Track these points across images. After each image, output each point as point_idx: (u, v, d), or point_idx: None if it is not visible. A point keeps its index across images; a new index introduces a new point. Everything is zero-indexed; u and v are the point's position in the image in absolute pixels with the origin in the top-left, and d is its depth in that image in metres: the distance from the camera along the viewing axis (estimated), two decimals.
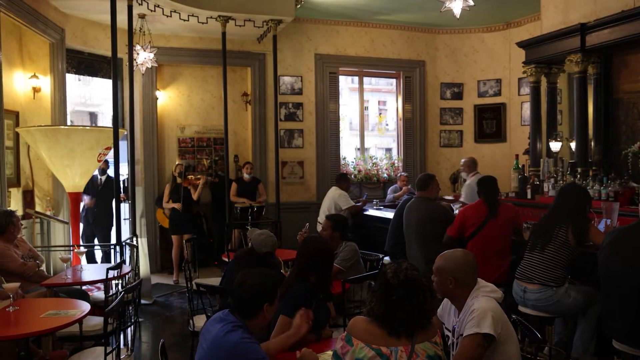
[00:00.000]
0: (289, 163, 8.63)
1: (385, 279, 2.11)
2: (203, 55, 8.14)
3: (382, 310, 2.05)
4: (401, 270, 2.11)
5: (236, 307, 2.41)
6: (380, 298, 2.07)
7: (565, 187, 4.11)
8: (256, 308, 2.41)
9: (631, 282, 3.03)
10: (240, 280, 2.44)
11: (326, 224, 4.53)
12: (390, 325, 2.03)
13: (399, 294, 2.05)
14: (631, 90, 6.45)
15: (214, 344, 2.31)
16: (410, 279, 2.08)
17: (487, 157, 9.02)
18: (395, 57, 9.21)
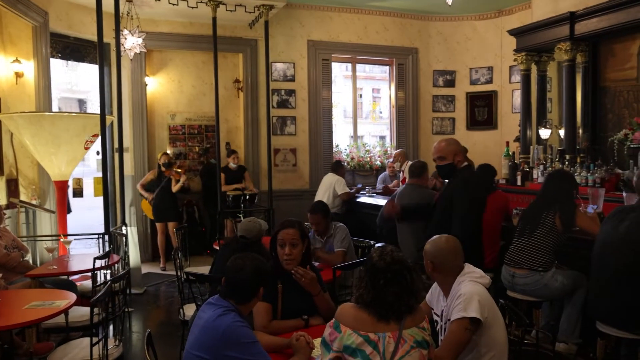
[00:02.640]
0: (281, 150, 8.61)
1: (371, 263, 2.12)
2: (193, 40, 8.07)
3: (371, 296, 2.06)
4: (387, 252, 2.13)
5: (232, 292, 2.41)
6: (368, 283, 2.08)
7: (552, 173, 4.15)
8: (253, 292, 2.44)
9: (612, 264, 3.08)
10: (237, 265, 2.44)
11: (315, 218, 4.52)
12: (379, 310, 2.05)
13: (387, 277, 2.06)
14: (617, 79, 6.50)
15: (206, 329, 2.31)
16: (396, 260, 2.10)
17: (478, 144, 9.05)
18: (388, 44, 9.18)
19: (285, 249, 2.92)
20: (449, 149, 3.78)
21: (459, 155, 3.78)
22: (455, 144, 3.82)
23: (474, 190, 3.72)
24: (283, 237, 2.94)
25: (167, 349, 4.58)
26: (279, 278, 2.91)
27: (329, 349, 2.05)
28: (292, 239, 2.93)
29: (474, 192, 3.72)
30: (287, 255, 2.91)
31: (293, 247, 2.93)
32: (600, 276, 3.21)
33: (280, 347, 2.56)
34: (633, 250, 2.96)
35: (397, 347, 2.00)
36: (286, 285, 2.91)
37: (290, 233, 2.95)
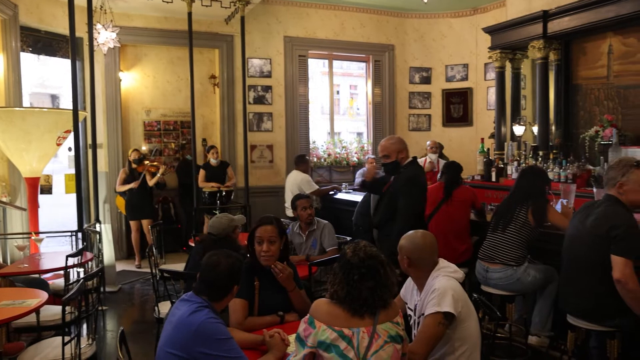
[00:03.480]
0: (258, 147, 8.58)
1: (345, 259, 2.12)
2: (169, 35, 7.97)
3: (345, 291, 2.06)
4: (360, 248, 2.13)
5: (206, 288, 2.40)
6: (342, 279, 2.08)
7: (525, 170, 4.21)
8: (228, 289, 2.43)
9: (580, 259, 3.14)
10: (213, 262, 2.42)
11: (307, 202, 4.64)
12: (354, 306, 2.05)
13: (361, 272, 2.07)
14: (589, 77, 6.64)
15: (179, 325, 2.29)
16: (370, 255, 2.11)
17: (454, 140, 9.15)
18: (364, 41, 9.21)
19: (263, 246, 2.91)
20: (393, 147, 3.99)
21: (402, 153, 3.99)
22: (398, 143, 4.02)
23: (417, 185, 3.93)
24: (261, 234, 2.93)
25: (142, 346, 4.54)
26: (255, 274, 2.90)
27: (303, 345, 2.05)
28: (270, 236, 2.93)
29: (417, 187, 3.93)
30: (265, 252, 2.90)
31: (271, 244, 2.92)
32: (569, 271, 3.27)
33: (255, 344, 2.55)
34: (598, 245, 3.02)
35: (371, 341, 2.01)
36: (263, 281, 2.90)
37: (268, 230, 2.94)
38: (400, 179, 3.96)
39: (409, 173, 3.97)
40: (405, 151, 4.03)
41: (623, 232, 2.94)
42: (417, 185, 3.96)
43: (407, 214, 3.83)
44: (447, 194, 4.63)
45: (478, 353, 2.56)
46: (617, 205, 3.07)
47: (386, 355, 2.03)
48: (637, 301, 2.89)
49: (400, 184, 3.93)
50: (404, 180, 3.93)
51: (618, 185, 3.08)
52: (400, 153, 3.99)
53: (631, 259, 2.91)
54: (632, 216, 3.07)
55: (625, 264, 2.90)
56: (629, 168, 3.07)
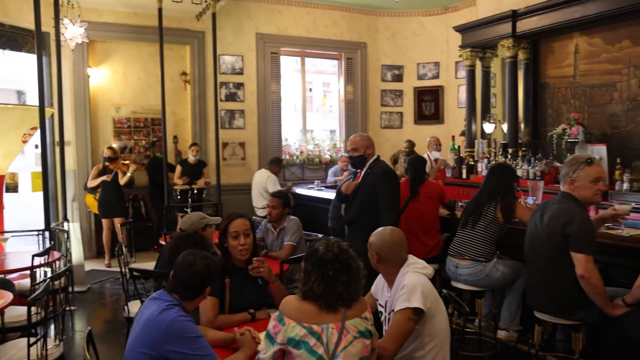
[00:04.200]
0: (230, 144, 8.52)
1: (318, 256, 2.12)
2: (138, 31, 7.85)
3: (322, 288, 2.07)
4: (332, 244, 2.15)
5: (179, 287, 2.37)
6: (318, 276, 2.09)
7: (494, 167, 4.27)
8: (201, 290, 2.41)
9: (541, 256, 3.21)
10: (188, 261, 2.40)
11: (277, 202, 4.60)
12: (329, 301, 2.06)
13: (336, 267, 2.09)
14: (556, 76, 6.78)
15: (148, 323, 2.26)
16: (343, 251, 2.13)
17: (426, 138, 9.19)
18: (337, 39, 9.22)
19: (240, 240, 2.94)
20: (362, 143, 4.16)
21: (370, 149, 4.16)
22: (367, 139, 4.20)
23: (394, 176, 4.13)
24: (236, 229, 2.96)
25: (112, 346, 4.47)
26: (226, 273, 2.89)
27: (273, 342, 2.05)
28: (245, 230, 2.98)
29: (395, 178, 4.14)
30: (242, 245, 2.94)
31: (247, 237, 2.96)
32: (532, 267, 3.34)
33: (225, 342, 2.54)
34: (556, 242, 3.08)
35: (340, 337, 2.03)
36: (234, 279, 2.89)
37: (242, 223, 2.98)
38: (376, 173, 4.08)
39: (384, 166, 4.15)
40: (372, 148, 4.19)
41: (576, 228, 3.00)
42: (395, 176, 4.15)
43: (392, 201, 3.99)
44: (414, 191, 4.64)
45: (447, 348, 2.59)
46: (571, 201, 3.13)
47: (355, 351, 2.04)
48: (600, 295, 2.96)
49: (378, 176, 4.05)
50: (380, 173, 4.06)
51: (569, 181, 3.14)
52: (367, 149, 4.16)
53: (591, 254, 2.98)
54: (585, 212, 3.13)
55: (586, 260, 2.96)
56: (579, 165, 3.13)
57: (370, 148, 4.19)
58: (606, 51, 6.19)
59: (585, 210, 3.15)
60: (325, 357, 2.01)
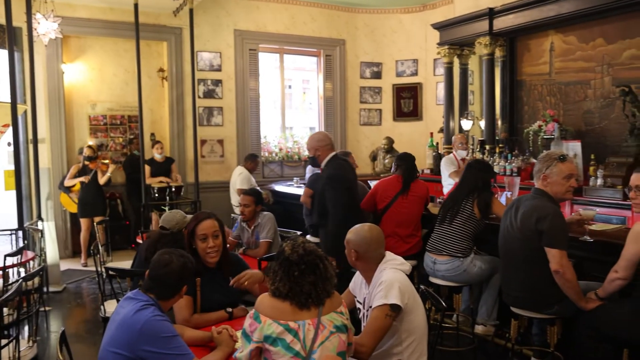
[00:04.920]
0: (208, 141, 8.45)
1: (284, 256, 2.12)
2: (114, 27, 7.72)
3: (287, 288, 2.07)
4: (298, 244, 2.15)
5: (155, 287, 2.34)
6: (283, 276, 2.09)
7: (470, 163, 4.31)
8: (177, 289, 2.39)
9: (515, 252, 3.25)
10: (164, 260, 2.37)
11: (248, 200, 4.56)
12: (297, 300, 2.06)
13: (301, 268, 2.08)
14: (532, 73, 6.87)
15: (123, 323, 2.23)
16: (308, 251, 2.13)
17: (404, 135, 9.27)
18: (315, 35, 9.20)
19: (209, 242, 2.86)
20: (311, 144, 4.38)
21: (319, 150, 4.30)
22: (315, 141, 4.36)
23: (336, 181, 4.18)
24: (204, 231, 2.88)
25: (89, 347, 4.42)
26: (197, 272, 2.86)
27: (249, 340, 2.04)
28: (214, 231, 2.89)
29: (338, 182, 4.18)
30: (211, 248, 2.87)
31: (216, 239, 2.88)
32: (507, 265, 3.38)
33: (203, 341, 2.52)
34: (530, 237, 3.12)
35: (316, 333, 2.03)
36: (204, 279, 2.86)
37: (210, 225, 2.90)
38: (323, 178, 4.28)
39: (328, 171, 4.24)
40: (322, 149, 4.30)
41: (550, 224, 3.03)
42: (337, 180, 4.18)
43: (334, 207, 4.10)
44: (406, 186, 4.59)
45: (425, 343, 2.61)
46: (544, 197, 3.18)
47: (332, 346, 2.05)
48: (573, 289, 3.01)
49: (323, 183, 4.26)
50: (324, 179, 4.25)
51: (543, 177, 3.19)
52: (317, 150, 4.31)
53: (565, 249, 3.03)
54: (558, 208, 3.17)
55: (560, 255, 3.00)
56: (552, 161, 3.17)
57: (319, 149, 4.29)
58: (580, 49, 6.29)
59: (558, 206, 3.20)
60: (302, 353, 2.00)
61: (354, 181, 4.47)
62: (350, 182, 4.31)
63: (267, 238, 4.47)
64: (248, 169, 7.49)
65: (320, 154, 4.31)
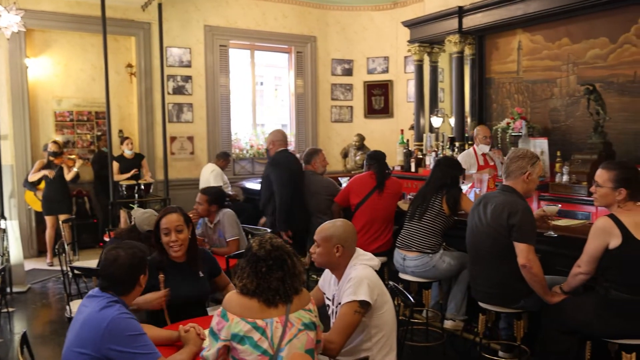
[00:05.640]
0: (178, 138, 8.34)
1: (252, 252, 2.10)
2: (80, 21, 7.54)
3: (255, 284, 2.05)
4: (266, 240, 2.13)
5: (110, 284, 2.30)
6: (250, 272, 2.07)
7: (439, 160, 4.36)
8: (133, 282, 2.35)
9: (484, 248, 3.30)
10: (111, 256, 2.33)
11: (202, 198, 4.48)
12: (265, 297, 2.04)
13: (269, 264, 2.07)
14: (501, 71, 6.97)
15: (88, 322, 2.19)
16: (276, 247, 2.11)
17: (376, 132, 9.32)
18: (286, 32, 9.16)
19: (171, 236, 2.86)
20: (269, 139, 5.20)
21: (272, 144, 5.07)
22: (271, 135, 5.18)
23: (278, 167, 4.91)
24: (167, 225, 2.88)
25: (54, 348, 4.31)
26: (160, 267, 2.83)
27: (216, 338, 2.02)
28: (177, 225, 2.89)
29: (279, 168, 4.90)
30: (174, 242, 2.86)
31: (179, 233, 2.88)
32: (475, 259, 3.42)
33: (170, 340, 2.49)
34: (499, 233, 3.18)
35: (284, 331, 2.02)
36: (169, 273, 2.84)
37: (173, 219, 2.90)
38: (267, 166, 5.09)
39: (274, 159, 4.99)
40: (274, 143, 5.05)
41: (520, 219, 3.11)
42: (280, 164, 4.92)
43: (280, 185, 4.82)
44: (381, 183, 4.61)
45: (394, 339, 2.62)
46: (514, 194, 3.26)
47: (300, 344, 2.04)
48: (540, 284, 3.07)
49: (267, 170, 5.05)
50: (268, 166, 5.02)
51: (527, 174, 3.25)
52: (271, 144, 5.08)
53: (533, 245, 3.10)
54: (528, 204, 3.26)
55: (528, 249, 3.08)
56: (535, 159, 3.28)
57: (272, 143, 5.06)
58: (547, 48, 6.40)
59: (527, 202, 3.27)
60: (270, 351, 1.99)
61: (296, 170, 5.02)
62: (292, 169, 4.95)
63: (234, 236, 4.40)
64: (220, 167, 7.43)
65: (272, 147, 5.06)
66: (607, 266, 2.81)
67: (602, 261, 2.82)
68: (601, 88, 5.57)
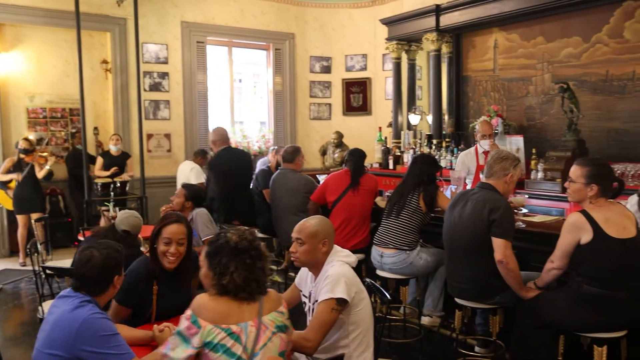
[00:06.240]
0: (155, 135, 8.24)
1: (232, 246, 2.06)
2: (54, 16, 7.37)
3: (242, 277, 2.01)
4: (243, 232, 2.11)
5: (83, 285, 2.26)
6: (237, 266, 2.02)
7: (416, 157, 4.38)
8: (107, 283, 2.31)
9: (462, 244, 3.33)
10: (85, 256, 2.28)
11: (180, 192, 4.45)
12: (249, 290, 2.02)
13: (252, 254, 2.06)
14: (477, 69, 7.04)
15: (60, 322, 2.14)
16: (254, 237, 2.13)
17: (354, 129, 9.32)
18: (265, 29, 9.10)
19: (171, 247, 2.76)
20: (210, 139, 5.79)
21: (214, 144, 5.55)
22: (210, 135, 5.80)
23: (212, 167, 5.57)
24: (170, 236, 2.77)
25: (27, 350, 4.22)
26: (154, 278, 2.77)
27: (187, 343, 1.95)
28: (180, 238, 2.79)
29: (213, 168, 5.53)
30: (172, 254, 2.76)
31: (179, 246, 2.79)
32: (452, 255, 3.45)
33: (144, 340, 2.46)
34: (479, 229, 3.21)
35: (258, 334, 1.99)
36: (162, 284, 2.78)
37: (178, 231, 2.80)
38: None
39: (210, 161, 5.74)
40: (214, 142, 5.53)
41: (501, 215, 3.16)
42: (215, 165, 5.50)
43: (216, 185, 5.32)
44: (355, 181, 4.61)
45: (371, 336, 2.63)
46: (494, 192, 3.31)
47: (274, 347, 2.02)
48: (515, 279, 3.11)
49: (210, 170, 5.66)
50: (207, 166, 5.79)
51: (510, 175, 3.32)
52: (213, 144, 5.58)
53: (510, 241, 3.14)
54: (507, 201, 3.32)
55: (505, 245, 3.12)
56: (517, 162, 3.39)
57: (213, 143, 5.54)
58: (522, 47, 6.48)
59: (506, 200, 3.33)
60: (244, 356, 1.95)
61: (235, 167, 5.41)
62: (230, 167, 5.36)
63: (209, 235, 4.34)
64: (198, 164, 7.34)
65: (213, 147, 5.53)
66: (578, 261, 2.86)
67: (574, 256, 2.87)
68: (575, 86, 5.66)
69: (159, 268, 2.79)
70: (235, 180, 5.36)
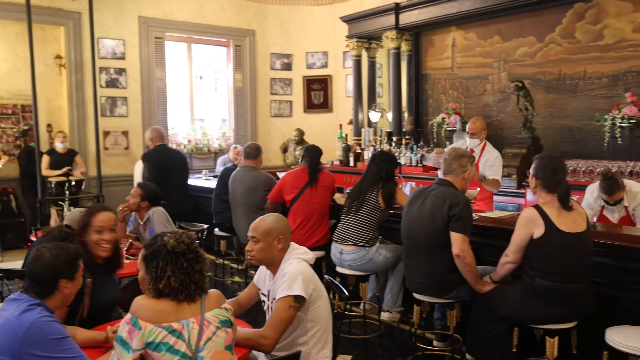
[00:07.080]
0: (112, 133, 8.05)
1: (169, 250, 2.02)
2: (3, 8, 7.09)
3: (179, 281, 1.99)
4: (181, 235, 2.09)
5: (33, 285, 2.19)
6: (174, 270, 2.00)
7: (375, 154, 4.40)
8: (52, 285, 2.22)
9: (421, 240, 3.37)
10: (35, 255, 2.21)
11: (136, 191, 4.32)
12: (188, 292, 2.00)
13: (189, 258, 2.03)
14: (436, 67, 7.14)
15: (6, 326, 2.06)
16: (192, 240, 2.10)
17: (315, 127, 9.33)
18: (225, 25, 9.01)
19: (104, 235, 2.79)
20: (146, 137, 5.90)
21: (151, 141, 5.79)
22: (147, 133, 5.93)
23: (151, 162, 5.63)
24: (102, 223, 2.81)
25: None
26: (89, 271, 2.70)
27: (128, 349, 1.91)
28: (112, 225, 2.84)
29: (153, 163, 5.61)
30: (107, 240, 2.79)
31: (111, 232, 2.83)
32: (410, 251, 3.49)
33: (97, 342, 2.39)
34: (438, 224, 3.26)
35: (201, 330, 1.96)
36: (96, 277, 2.73)
37: (108, 217, 2.84)
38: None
39: (144, 154, 5.91)
40: (152, 140, 5.77)
41: (461, 210, 3.22)
42: (148, 160, 5.68)
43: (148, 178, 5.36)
44: (313, 177, 4.59)
45: (330, 332, 2.63)
46: (452, 187, 3.37)
47: (220, 341, 2.00)
48: (472, 273, 3.17)
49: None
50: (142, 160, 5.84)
51: (467, 172, 3.40)
52: (150, 141, 5.81)
53: (468, 236, 3.20)
54: (466, 197, 3.38)
55: (463, 240, 3.17)
56: (473, 159, 3.49)
57: (150, 140, 5.77)
58: (479, 45, 6.61)
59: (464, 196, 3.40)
60: (188, 353, 1.92)
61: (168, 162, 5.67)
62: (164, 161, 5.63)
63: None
64: None
65: (150, 143, 5.79)
66: (532, 255, 2.94)
67: (527, 250, 2.94)
68: (530, 85, 5.81)
69: (92, 261, 2.77)
70: (166, 172, 5.54)
